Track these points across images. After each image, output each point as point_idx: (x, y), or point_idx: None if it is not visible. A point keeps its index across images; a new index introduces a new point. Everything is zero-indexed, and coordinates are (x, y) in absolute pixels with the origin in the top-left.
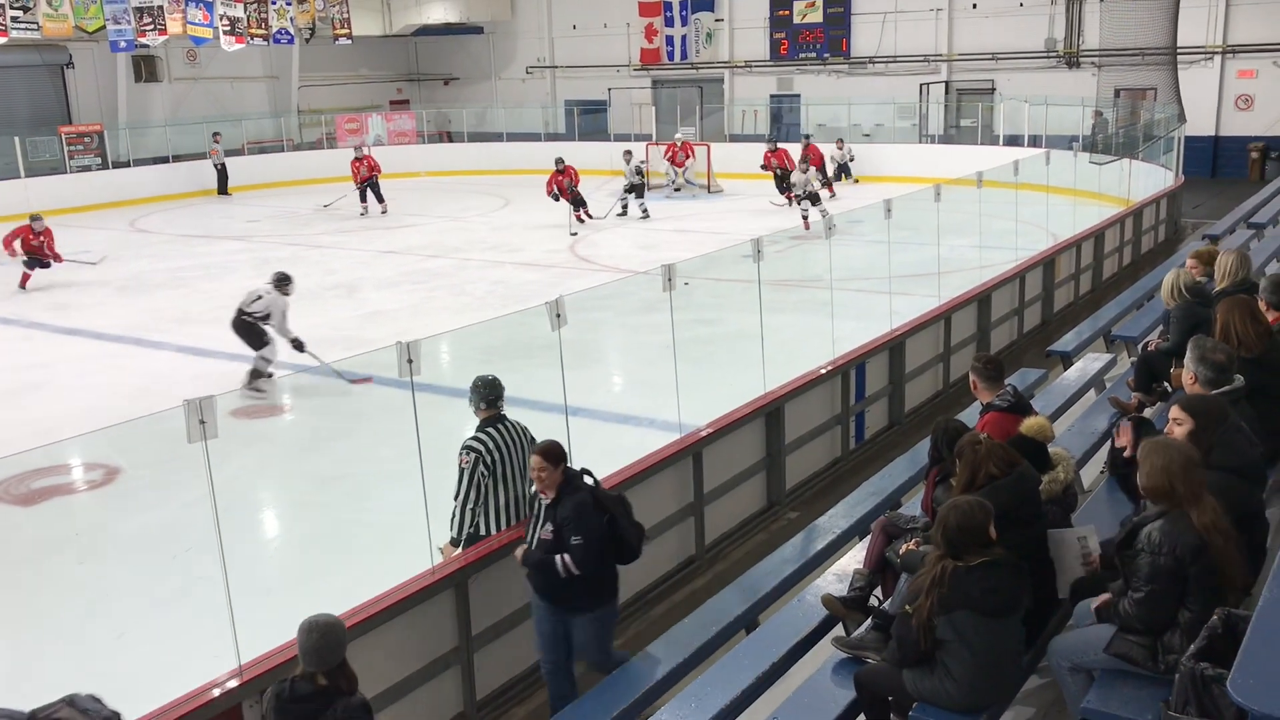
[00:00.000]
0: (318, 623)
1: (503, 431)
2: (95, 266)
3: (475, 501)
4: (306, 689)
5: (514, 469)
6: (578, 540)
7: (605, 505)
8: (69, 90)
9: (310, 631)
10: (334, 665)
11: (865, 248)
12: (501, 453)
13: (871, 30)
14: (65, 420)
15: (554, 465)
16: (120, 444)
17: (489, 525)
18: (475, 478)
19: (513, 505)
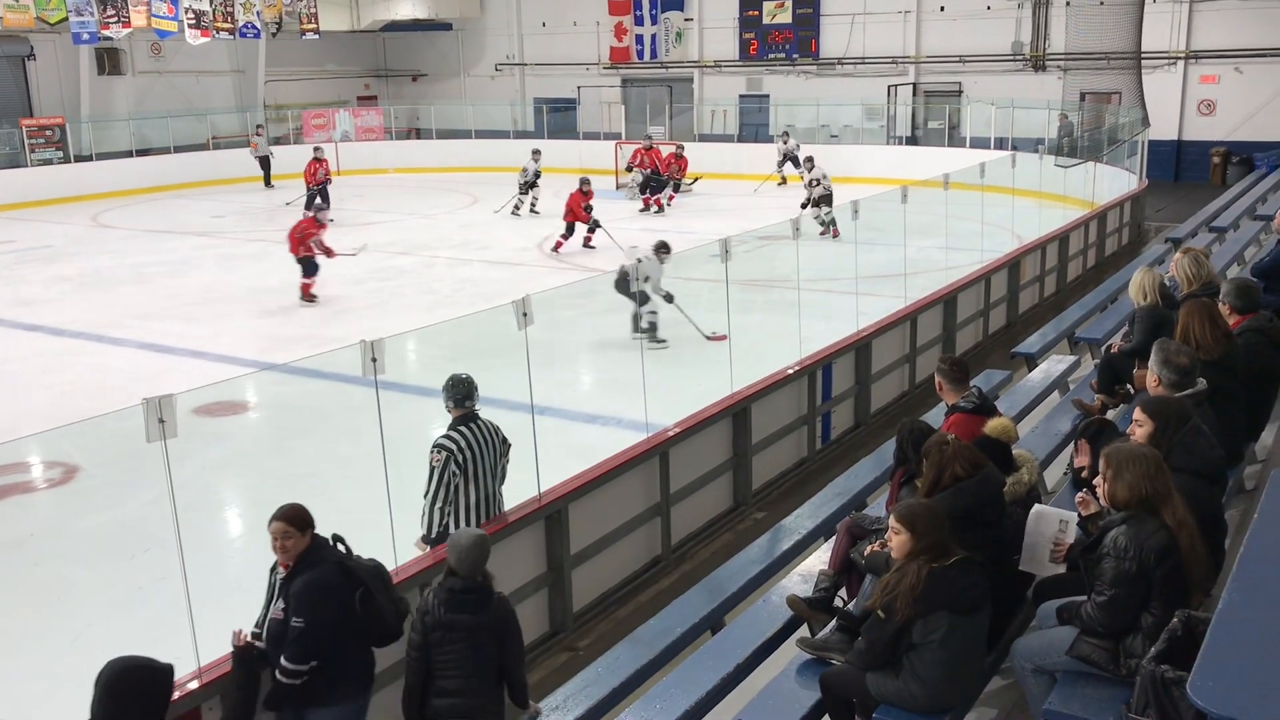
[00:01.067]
0: (473, 536)
1: (474, 430)
2: (355, 257)
3: (445, 500)
4: (469, 585)
5: (485, 468)
6: (299, 622)
7: (357, 578)
8: (30, 82)
9: (472, 547)
10: (484, 570)
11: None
12: (473, 451)
13: (840, 31)
14: (24, 417)
15: (299, 531)
16: (80, 442)
17: (460, 523)
18: (445, 476)
19: (483, 504)
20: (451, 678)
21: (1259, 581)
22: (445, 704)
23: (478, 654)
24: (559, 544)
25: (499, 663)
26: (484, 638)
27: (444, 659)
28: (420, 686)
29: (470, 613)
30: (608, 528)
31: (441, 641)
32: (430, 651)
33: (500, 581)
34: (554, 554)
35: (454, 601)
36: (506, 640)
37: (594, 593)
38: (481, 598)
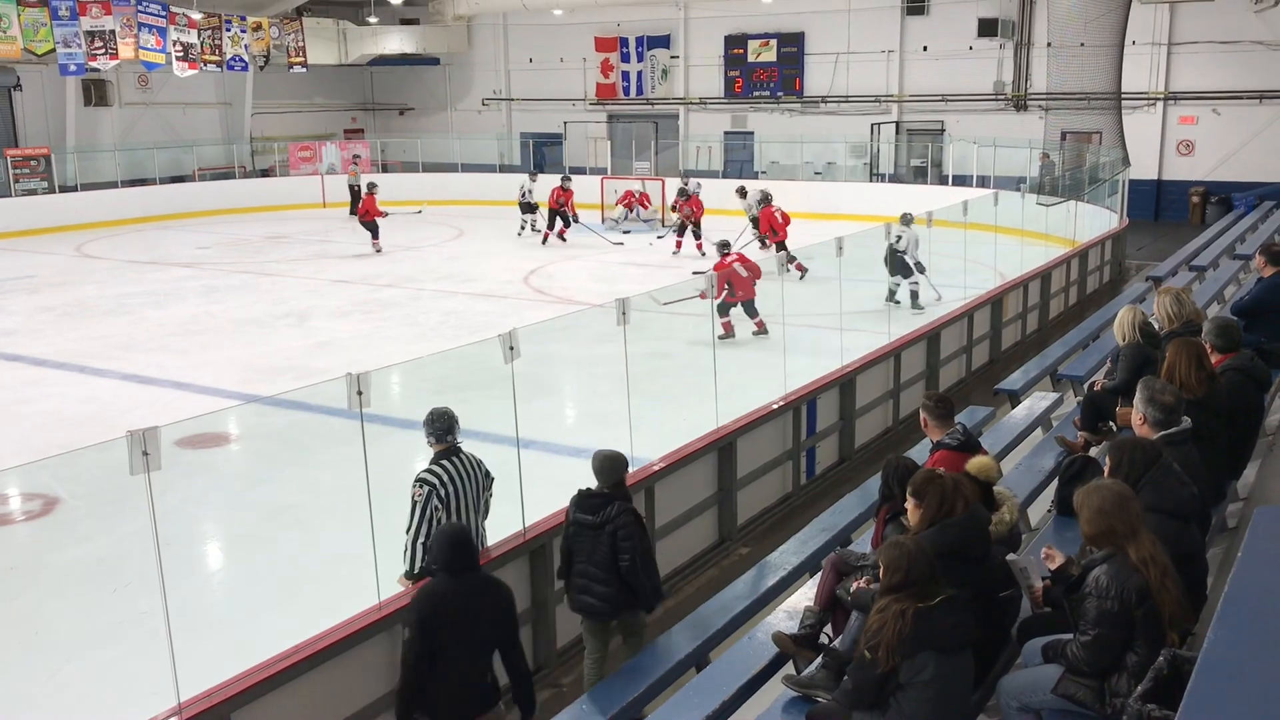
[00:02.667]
0: (606, 455)
1: (457, 464)
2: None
3: (427, 535)
4: (597, 492)
5: (467, 502)
6: None
7: None
8: (16, 113)
9: (603, 460)
10: (614, 483)
11: (816, 284)
12: (455, 486)
13: (824, 70)
14: (3, 448)
15: None
16: (60, 474)
17: None
18: (428, 511)
19: None
20: (581, 561)
21: (1244, 620)
22: (577, 583)
23: (597, 548)
24: (543, 578)
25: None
26: (603, 538)
27: (577, 549)
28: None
29: (591, 513)
30: None
31: (574, 536)
32: (570, 544)
33: None
34: (538, 589)
35: (581, 503)
36: (619, 540)
37: (578, 629)
38: (602, 503)
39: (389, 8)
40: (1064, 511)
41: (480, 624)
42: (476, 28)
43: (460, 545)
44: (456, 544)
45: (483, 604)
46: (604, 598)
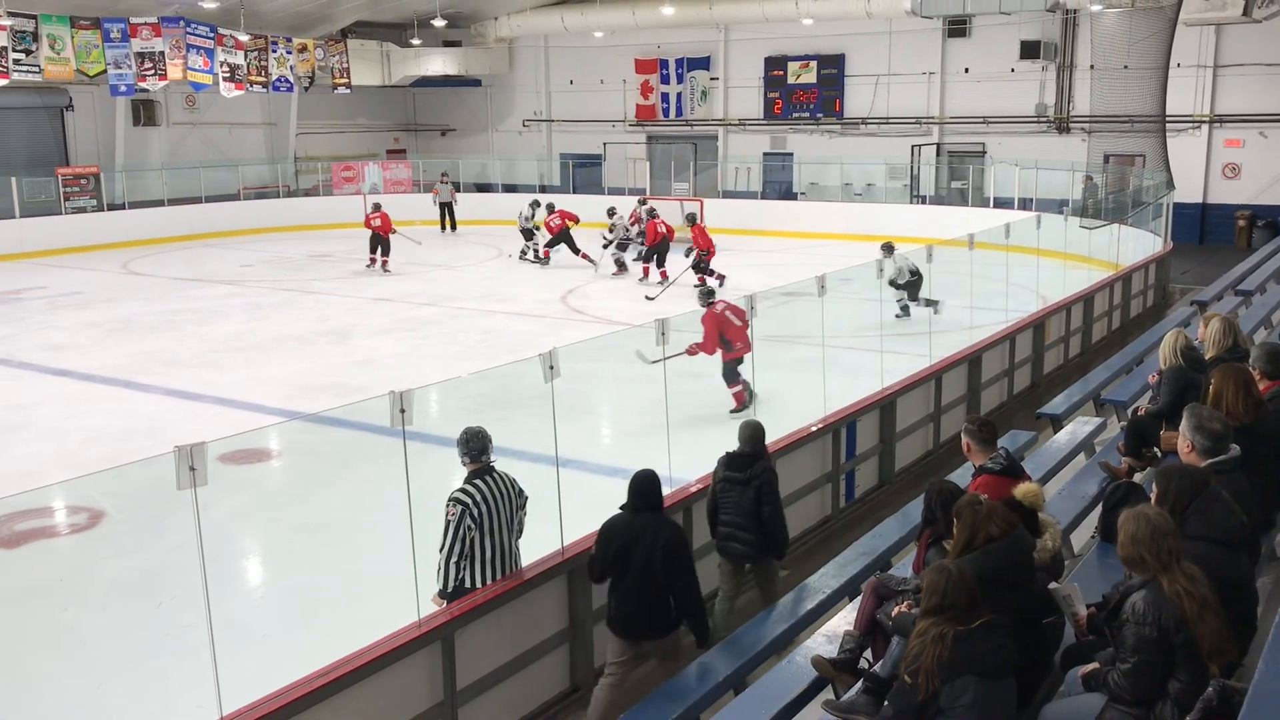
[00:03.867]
0: (752, 423)
1: (490, 484)
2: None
3: (460, 554)
4: (741, 451)
5: (501, 521)
6: None
7: None
8: (68, 132)
9: (753, 428)
10: (758, 447)
11: (857, 305)
12: (488, 505)
13: (864, 92)
14: (50, 462)
15: None
16: (106, 488)
17: (475, 578)
18: (461, 530)
19: (499, 558)
20: (727, 513)
21: None
22: (724, 531)
23: (743, 501)
24: (581, 599)
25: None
26: (749, 492)
27: (724, 503)
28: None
29: (739, 470)
30: None
31: (722, 492)
32: (718, 498)
33: (522, 634)
34: (576, 609)
35: (731, 463)
36: (763, 493)
37: None
38: (749, 462)
39: (432, 30)
40: (1107, 538)
41: (654, 556)
42: (518, 49)
43: (643, 488)
44: (640, 487)
45: (655, 538)
46: (747, 543)
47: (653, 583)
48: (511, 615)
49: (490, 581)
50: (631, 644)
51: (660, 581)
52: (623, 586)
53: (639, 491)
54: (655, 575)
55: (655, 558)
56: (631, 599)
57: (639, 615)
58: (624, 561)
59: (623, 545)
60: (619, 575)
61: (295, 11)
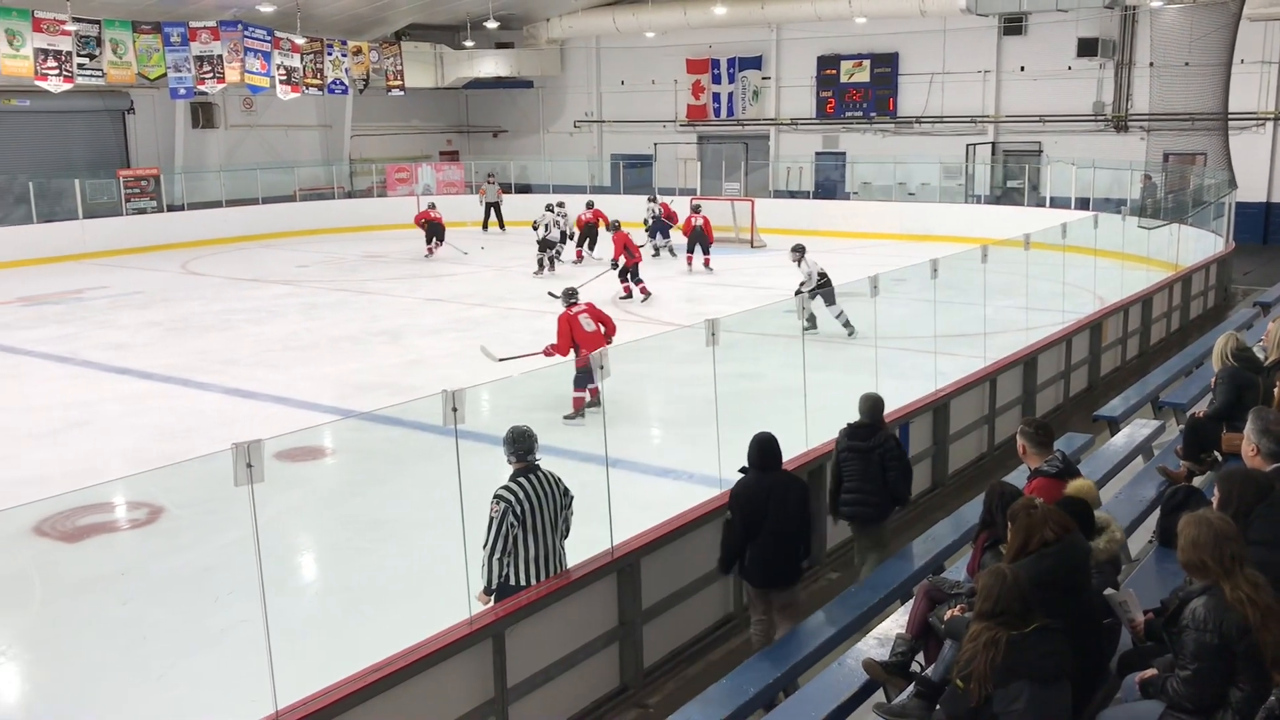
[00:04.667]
0: (872, 395)
1: (534, 482)
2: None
3: (503, 551)
4: (863, 422)
5: (545, 520)
6: None
7: None
8: (129, 135)
9: (872, 400)
10: (878, 417)
11: (910, 306)
12: (532, 503)
13: (918, 91)
14: (111, 458)
15: None
16: (165, 484)
17: (520, 576)
18: (504, 528)
19: (543, 556)
20: (853, 479)
21: None
22: (849, 498)
23: (869, 468)
24: (630, 598)
25: (884, 477)
26: (872, 459)
27: (848, 471)
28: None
29: (862, 440)
30: (680, 583)
31: (846, 461)
32: (841, 467)
33: (572, 633)
34: (625, 608)
35: (854, 433)
36: (887, 460)
37: (665, 649)
38: (871, 431)
39: (485, 32)
40: (1166, 543)
41: (786, 511)
42: (569, 51)
43: (767, 449)
44: (764, 448)
45: (787, 494)
46: (872, 505)
47: (785, 537)
48: (561, 614)
49: (535, 579)
50: (762, 594)
51: (792, 536)
52: (758, 541)
53: (764, 452)
54: (787, 530)
55: (788, 513)
56: (765, 552)
57: (770, 568)
58: (759, 519)
59: (758, 505)
60: (754, 531)
61: (350, 14)
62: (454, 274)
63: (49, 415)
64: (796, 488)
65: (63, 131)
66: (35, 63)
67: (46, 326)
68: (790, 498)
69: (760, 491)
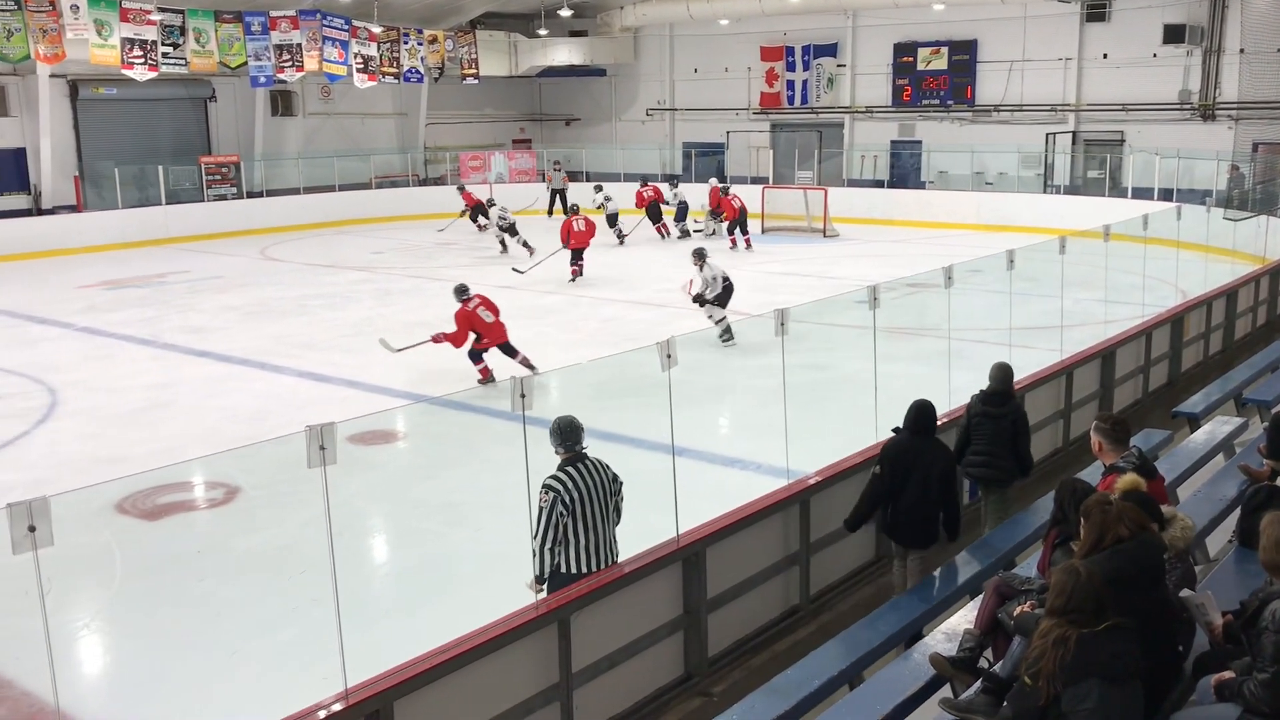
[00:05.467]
0: (1003, 364)
1: (582, 471)
2: None
3: (554, 541)
4: (994, 389)
5: (594, 508)
6: None
7: None
8: (210, 122)
9: (1003, 369)
10: (1008, 385)
11: (985, 298)
12: (580, 492)
13: (997, 78)
14: (190, 439)
15: None
16: (242, 464)
17: (572, 564)
18: (553, 517)
19: (594, 544)
20: (982, 442)
21: None
22: (978, 459)
23: (1000, 433)
24: (696, 587)
25: (1014, 443)
26: (1003, 425)
27: (977, 435)
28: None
29: (995, 406)
30: (746, 573)
31: (976, 425)
32: (971, 431)
33: (636, 621)
34: (691, 597)
35: (987, 399)
36: (1019, 426)
37: (729, 639)
38: (1003, 399)
39: (559, 20)
40: (1245, 543)
41: (930, 476)
42: (643, 39)
43: (923, 414)
44: (921, 413)
45: (933, 461)
46: (1002, 469)
47: (926, 500)
48: (626, 601)
49: (588, 568)
50: (902, 549)
51: (933, 500)
52: (900, 501)
53: (920, 416)
54: (929, 494)
55: (932, 478)
56: (906, 512)
57: (910, 527)
58: (904, 479)
59: (905, 465)
60: (899, 490)
61: (427, 3)
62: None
63: (131, 396)
64: (943, 455)
65: (147, 119)
66: (122, 52)
67: (130, 309)
68: (936, 463)
69: (909, 452)
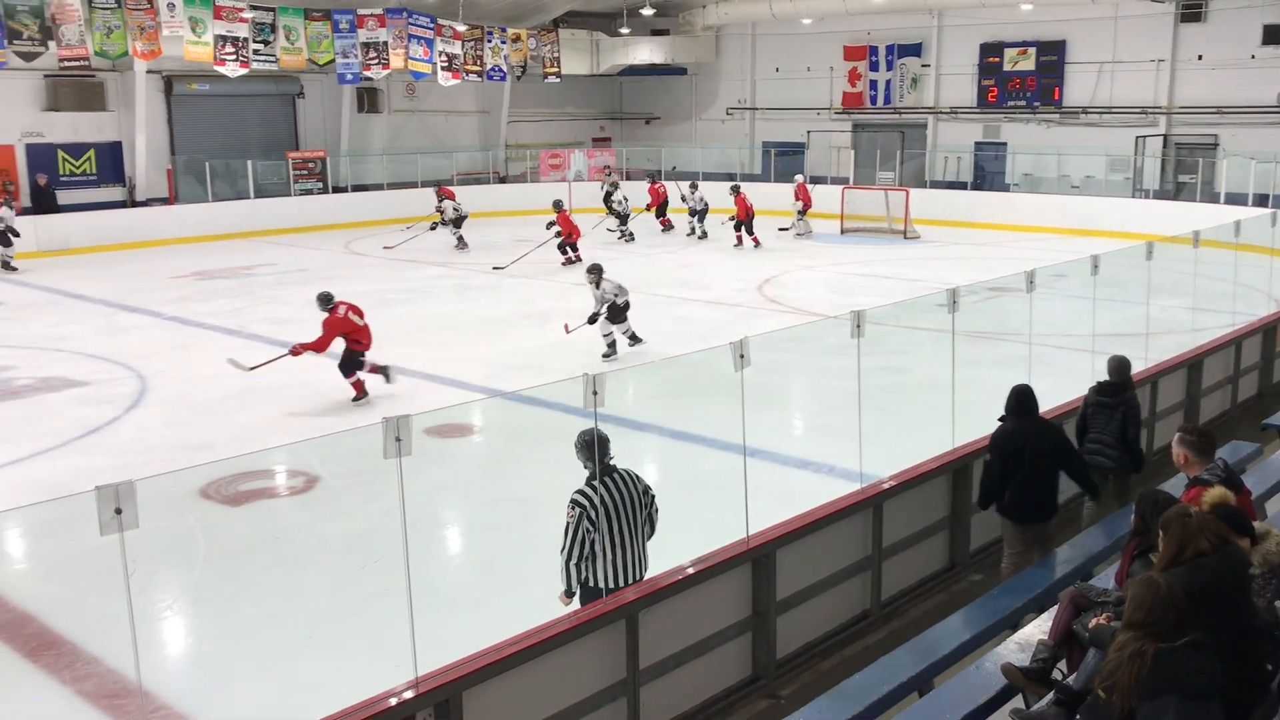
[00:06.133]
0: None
1: (611, 484)
2: None
3: (580, 556)
4: (1110, 381)
5: (624, 522)
6: None
7: None
8: (298, 118)
9: (1119, 361)
10: (1125, 378)
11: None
12: (609, 507)
13: (1086, 80)
14: (272, 427)
15: None
16: (321, 453)
17: (600, 578)
18: (579, 532)
19: (622, 559)
20: (1096, 431)
21: None
22: (1091, 447)
23: (1111, 423)
24: (765, 588)
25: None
26: (1116, 415)
27: (1093, 423)
28: None
29: (1110, 395)
30: (816, 577)
31: (1092, 415)
32: (1087, 420)
33: (704, 620)
34: (760, 598)
35: (1101, 390)
36: (1129, 417)
37: (798, 642)
38: (1118, 390)
39: (641, 19)
40: None
41: (1041, 456)
42: (725, 38)
43: (1024, 397)
44: (1021, 397)
45: (1041, 441)
46: (1111, 458)
47: (1040, 478)
48: (695, 600)
49: (615, 584)
50: (1020, 528)
51: (1046, 478)
52: (1016, 482)
53: (1021, 400)
54: (1042, 472)
55: (1042, 455)
56: (1021, 492)
57: (1027, 505)
58: (1015, 461)
59: (1015, 449)
60: (1012, 473)
61: (511, 2)
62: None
63: (217, 384)
64: (1051, 432)
65: (238, 115)
66: (215, 49)
67: (218, 300)
68: (1044, 441)
69: (1016, 436)
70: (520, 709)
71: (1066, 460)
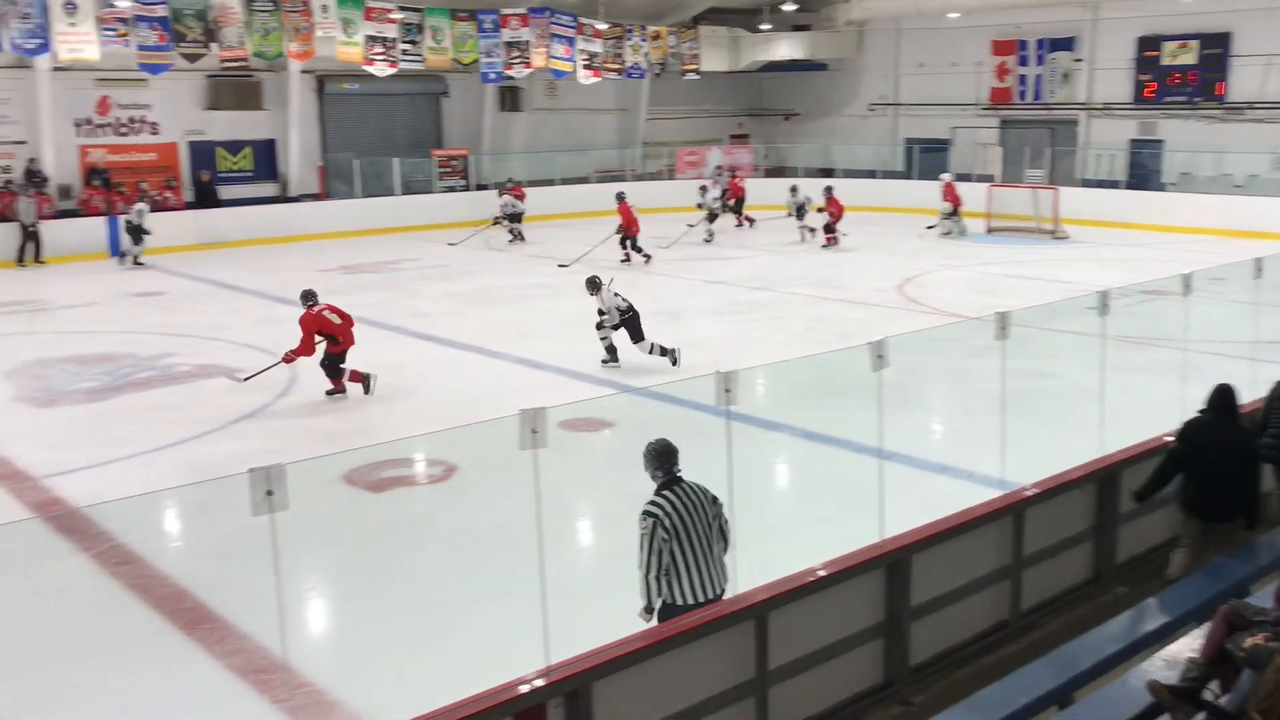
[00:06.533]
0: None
1: (679, 494)
2: None
3: (659, 569)
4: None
5: (697, 532)
6: None
7: None
8: (442, 117)
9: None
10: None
11: (1227, 308)
12: (681, 516)
13: (1252, 74)
14: (414, 417)
15: None
16: (459, 443)
17: (681, 594)
18: (655, 544)
19: (702, 572)
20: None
21: None
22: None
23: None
24: (899, 594)
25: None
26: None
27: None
28: None
29: None
30: (952, 584)
31: (1274, 411)
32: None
33: (836, 623)
34: (893, 603)
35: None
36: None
37: (932, 650)
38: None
39: (782, 15)
40: None
41: (1228, 454)
42: (868, 33)
43: (1224, 395)
44: (1222, 394)
45: (1229, 440)
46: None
47: (1224, 477)
48: (826, 602)
49: (696, 599)
50: (1201, 524)
51: (1231, 478)
52: (1200, 476)
53: (1221, 397)
54: (1228, 471)
55: (1229, 455)
56: (1206, 486)
57: (1209, 501)
58: (1202, 454)
59: (1202, 442)
60: (1198, 466)
61: (652, 0)
62: (735, 257)
63: None
64: (1243, 435)
65: (385, 113)
66: (365, 49)
67: (363, 293)
68: (1234, 441)
69: (1206, 429)
70: (648, 703)
71: (1247, 471)
